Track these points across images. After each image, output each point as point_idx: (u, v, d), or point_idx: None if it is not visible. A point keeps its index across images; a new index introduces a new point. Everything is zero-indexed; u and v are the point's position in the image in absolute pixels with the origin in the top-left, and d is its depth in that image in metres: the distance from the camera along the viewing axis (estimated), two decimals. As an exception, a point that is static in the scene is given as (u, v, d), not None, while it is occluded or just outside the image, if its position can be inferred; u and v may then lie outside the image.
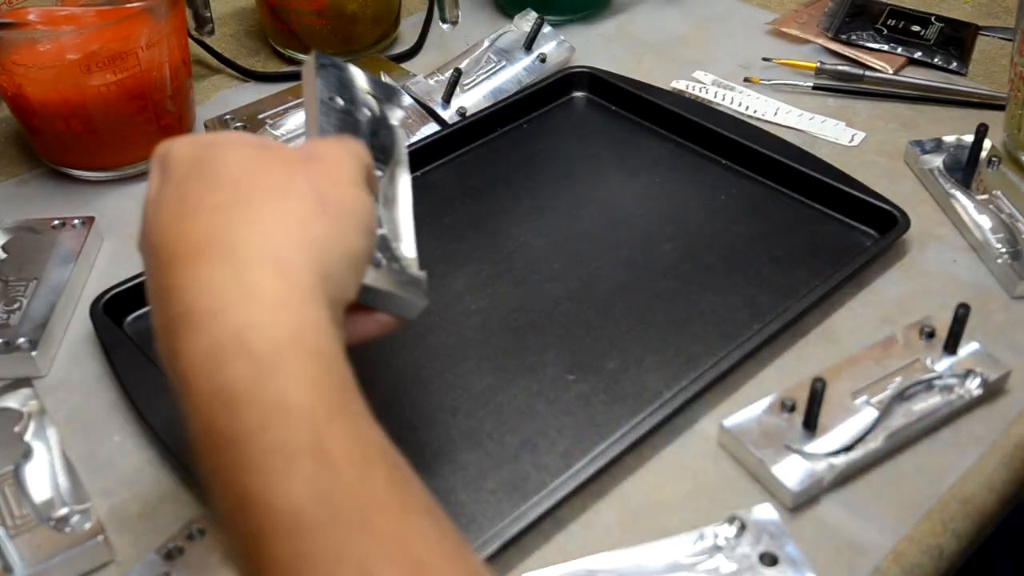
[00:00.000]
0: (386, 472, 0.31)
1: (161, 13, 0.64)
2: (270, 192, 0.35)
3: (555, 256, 0.61)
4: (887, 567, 0.44)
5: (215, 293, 0.32)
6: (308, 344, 0.32)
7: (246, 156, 0.37)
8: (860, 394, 0.50)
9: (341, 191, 0.37)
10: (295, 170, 0.37)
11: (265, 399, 0.30)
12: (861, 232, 0.62)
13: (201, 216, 0.34)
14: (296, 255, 0.34)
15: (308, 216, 0.35)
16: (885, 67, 0.78)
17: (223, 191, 0.35)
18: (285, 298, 0.32)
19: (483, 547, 0.43)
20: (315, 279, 0.34)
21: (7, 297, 0.57)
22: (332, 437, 0.30)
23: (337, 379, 0.32)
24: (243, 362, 0.31)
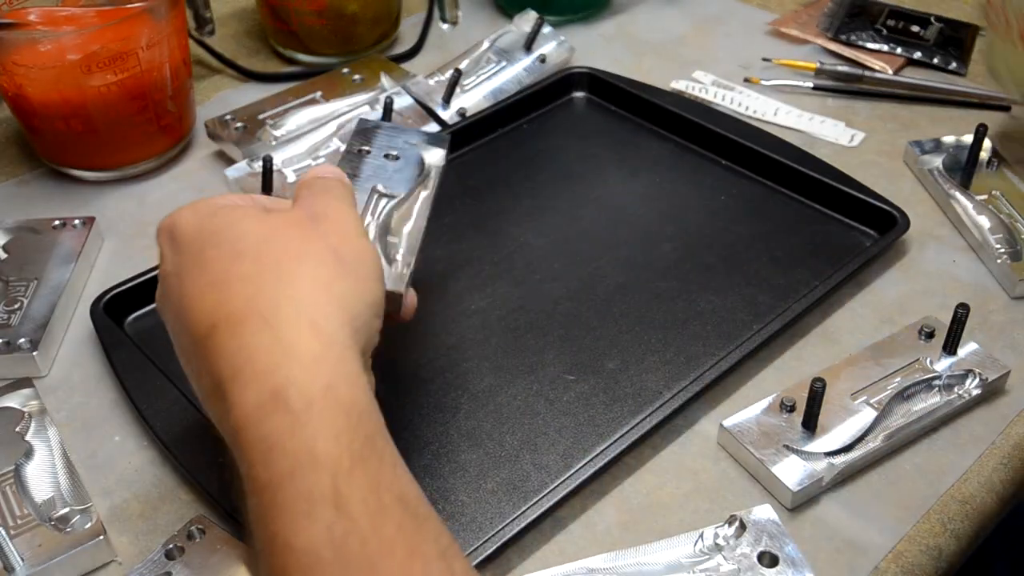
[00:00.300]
0: (399, 519, 0.33)
1: (161, 13, 0.64)
2: (292, 259, 0.38)
3: (555, 256, 0.61)
4: (887, 567, 0.44)
5: (260, 355, 0.35)
6: (341, 398, 0.35)
7: (258, 225, 0.39)
8: (859, 394, 0.50)
9: (353, 245, 0.40)
10: (308, 233, 0.40)
11: (296, 449, 0.33)
12: (861, 232, 0.62)
13: (232, 287, 0.37)
14: (328, 315, 0.37)
15: (331, 276, 0.38)
16: (885, 67, 0.78)
17: (246, 261, 0.38)
18: (322, 356, 0.36)
19: (483, 547, 0.43)
20: (347, 333, 0.37)
21: (8, 297, 0.57)
22: (351, 487, 0.33)
23: (365, 429, 0.35)
24: (282, 416, 0.34)
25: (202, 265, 0.38)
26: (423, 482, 0.47)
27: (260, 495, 0.34)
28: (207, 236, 0.39)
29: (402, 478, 0.35)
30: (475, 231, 0.63)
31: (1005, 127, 0.71)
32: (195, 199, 0.42)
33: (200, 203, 0.41)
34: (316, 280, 0.38)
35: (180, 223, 0.40)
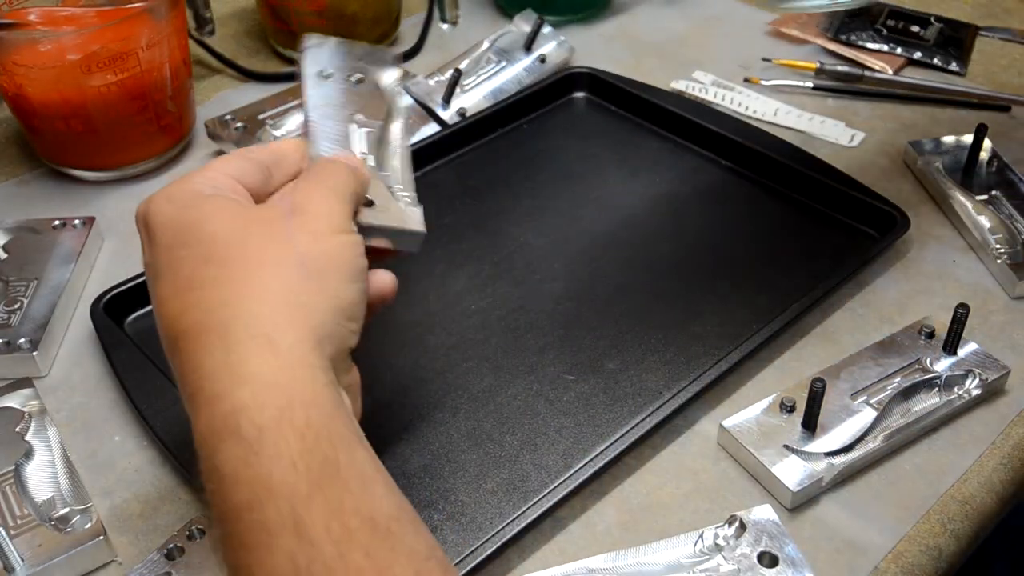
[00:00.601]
0: (367, 542, 0.32)
1: (161, 13, 0.64)
2: (255, 265, 0.36)
3: (555, 256, 0.61)
4: (886, 567, 0.44)
5: (213, 377, 0.34)
6: (296, 421, 0.33)
7: (230, 221, 0.37)
8: (859, 394, 0.50)
9: (322, 245, 0.38)
10: (276, 234, 0.37)
11: (251, 479, 0.32)
12: (861, 232, 0.62)
13: (196, 294, 0.36)
14: (286, 329, 0.35)
15: (292, 284, 0.36)
16: (885, 67, 0.78)
17: (212, 266, 0.36)
18: (275, 377, 0.34)
19: (483, 547, 0.43)
20: (308, 347, 0.35)
21: (8, 297, 0.57)
22: (311, 513, 0.32)
23: (323, 451, 0.33)
24: (233, 444, 0.33)
25: (172, 267, 0.37)
26: (423, 482, 0.48)
27: (221, 525, 0.33)
28: (180, 232, 0.37)
29: (372, 495, 0.33)
30: (475, 231, 0.63)
31: (1005, 127, 0.71)
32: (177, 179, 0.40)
33: (177, 189, 0.39)
34: (276, 290, 0.36)
35: (155, 213, 0.38)
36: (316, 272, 0.37)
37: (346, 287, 0.38)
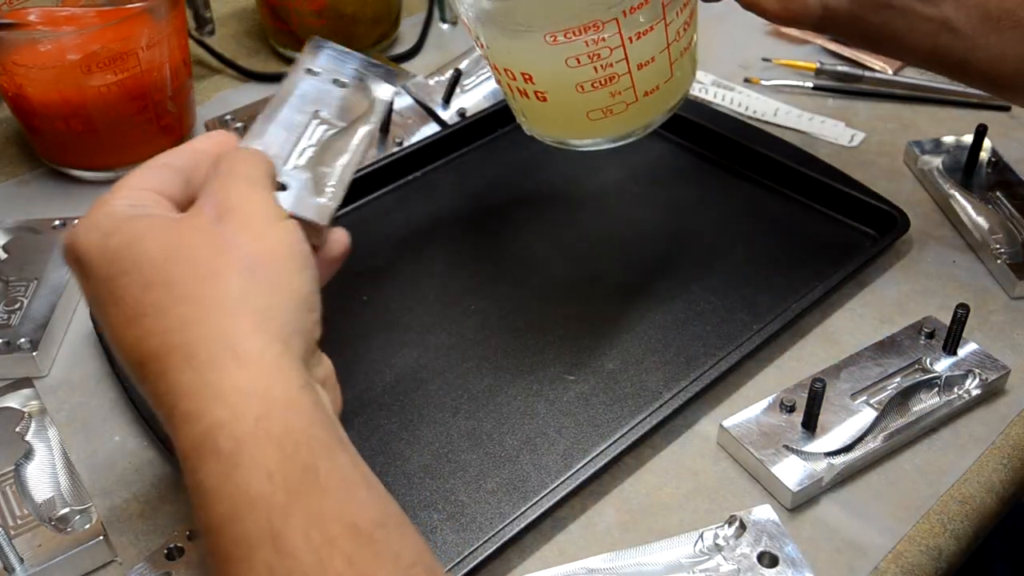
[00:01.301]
0: (349, 550, 0.32)
1: (161, 13, 0.64)
2: (202, 280, 0.35)
3: (555, 256, 0.61)
4: (886, 567, 0.44)
5: (187, 398, 0.34)
6: (272, 430, 0.33)
7: (163, 240, 0.36)
8: (859, 394, 0.50)
9: (265, 241, 0.37)
10: (213, 240, 0.36)
11: (230, 493, 0.32)
12: (861, 232, 0.62)
13: (147, 321, 0.35)
14: (251, 338, 0.34)
15: (245, 289, 0.35)
16: (885, 67, 0.78)
17: (156, 289, 0.35)
18: (249, 388, 0.33)
19: (483, 547, 0.43)
20: (276, 350, 0.35)
21: (8, 297, 0.57)
22: (289, 524, 0.31)
23: (302, 459, 0.33)
24: (213, 460, 0.33)
25: (115, 297, 0.36)
26: (423, 482, 0.48)
27: (206, 538, 0.33)
28: (112, 261, 0.36)
29: (355, 500, 0.33)
30: (475, 231, 0.63)
31: (1005, 127, 0.71)
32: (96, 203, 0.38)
33: (99, 214, 0.37)
34: (230, 298, 0.35)
35: (81, 246, 0.37)
36: (266, 272, 0.36)
37: (299, 278, 0.37)
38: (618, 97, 0.51)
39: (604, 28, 0.48)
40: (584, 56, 0.49)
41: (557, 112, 0.54)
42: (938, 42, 0.53)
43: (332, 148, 0.47)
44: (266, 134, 0.45)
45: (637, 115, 0.53)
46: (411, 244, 0.62)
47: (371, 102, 0.49)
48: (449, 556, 0.44)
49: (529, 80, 0.51)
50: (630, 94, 0.51)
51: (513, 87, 0.53)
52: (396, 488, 0.47)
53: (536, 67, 0.51)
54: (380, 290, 0.58)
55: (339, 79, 0.49)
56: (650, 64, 0.51)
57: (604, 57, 0.49)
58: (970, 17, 0.52)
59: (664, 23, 0.50)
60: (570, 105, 0.52)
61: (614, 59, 0.49)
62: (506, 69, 0.52)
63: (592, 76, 0.50)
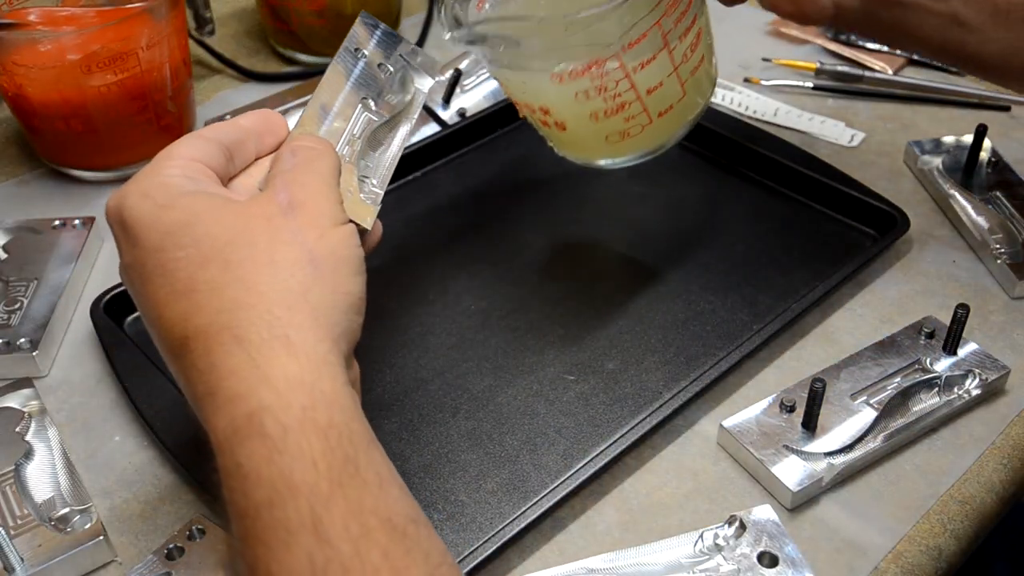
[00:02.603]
0: (384, 543, 0.32)
1: (161, 13, 0.64)
2: (263, 265, 0.36)
3: (555, 256, 0.61)
4: (886, 567, 0.44)
5: (233, 378, 0.34)
6: (318, 420, 0.33)
7: (228, 220, 0.36)
8: (859, 394, 0.50)
9: (328, 240, 0.38)
10: (279, 231, 0.37)
11: (273, 477, 0.32)
12: (861, 232, 0.62)
13: (200, 296, 0.35)
14: (304, 329, 0.35)
15: (306, 283, 0.36)
16: (885, 67, 0.78)
17: (213, 267, 0.35)
18: (298, 378, 0.34)
19: (483, 547, 0.43)
20: (326, 346, 0.35)
21: (8, 297, 0.57)
22: (331, 513, 0.32)
23: (344, 451, 0.33)
24: (257, 442, 0.33)
25: (166, 269, 0.36)
26: (423, 482, 0.48)
27: (240, 521, 0.33)
28: (167, 234, 0.36)
29: (389, 496, 0.34)
30: (475, 231, 0.63)
31: (1005, 127, 0.71)
32: None
33: (151, 184, 0.37)
34: (289, 290, 0.35)
35: (133, 213, 0.37)
36: (326, 269, 0.37)
37: (353, 281, 0.38)
38: (632, 121, 0.53)
39: (606, 64, 0.49)
40: (592, 90, 0.50)
41: (577, 138, 0.56)
42: (948, 36, 0.53)
43: (375, 140, 0.47)
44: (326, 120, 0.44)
45: (655, 134, 0.55)
46: (411, 244, 0.62)
47: (413, 94, 0.49)
48: (449, 556, 0.44)
49: (547, 112, 0.54)
50: (643, 117, 0.53)
51: (535, 118, 0.55)
52: (396, 488, 0.47)
53: (550, 102, 0.53)
54: (380, 290, 0.58)
55: (384, 64, 0.49)
56: (659, 88, 0.52)
57: (611, 89, 0.50)
58: (980, 11, 0.52)
59: (667, 50, 0.51)
60: (588, 132, 0.54)
61: (621, 89, 0.50)
62: (525, 104, 0.54)
63: (603, 106, 0.51)
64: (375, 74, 0.48)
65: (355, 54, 0.48)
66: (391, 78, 0.49)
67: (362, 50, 0.48)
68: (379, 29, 0.50)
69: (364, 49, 0.49)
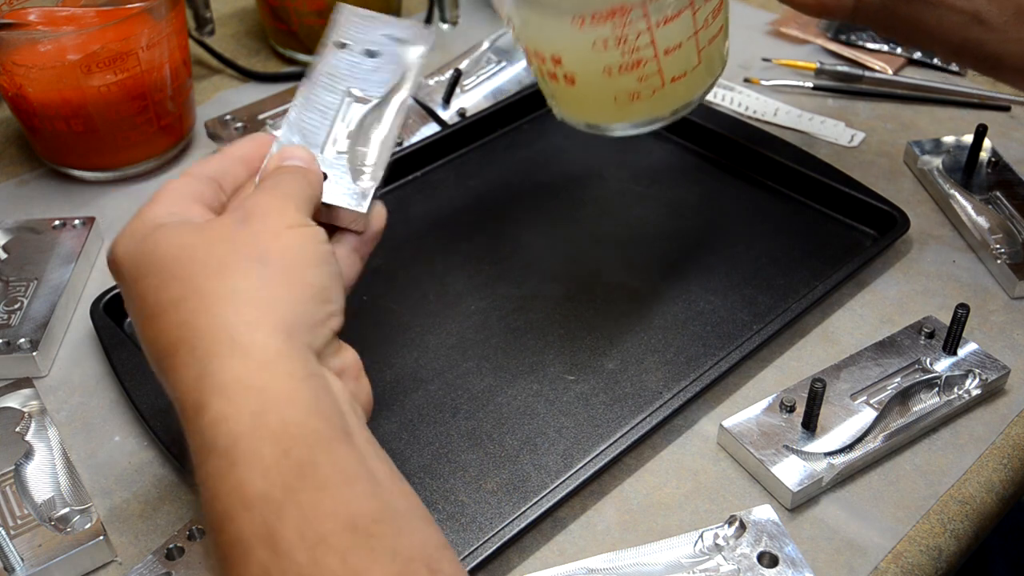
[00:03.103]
0: (344, 546, 0.31)
1: (161, 13, 0.64)
2: (214, 275, 0.36)
3: (555, 256, 0.61)
4: (886, 567, 0.44)
5: (193, 391, 0.34)
6: (270, 424, 0.33)
7: (186, 240, 0.37)
8: (859, 394, 0.50)
9: (281, 239, 0.38)
10: (232, 241, 0.37)
11: (227, 491, 0.32)
12: (861, 232, 0.62)
13: (163, 317, 0.36)
14: (253, 329, 0.35)
15: (255, 283, 0.36)
16: (885, 67, 0.78)
17: (175, 286, 0.36)
18: (248, 381, 0.33)
19: (483, 547, 0.43)
20: (278, 343, 0.35)
21: (8, 297, 0.57)
22: (284, 523, 0.31)
23: (299, 454, 0.32)
24: (213, 459, 0.33)
25: (140, 296, 0.37)
26: (423, 482, 0.48)
27: (209, 536, 0.33)
28: (140, 264, 0.38)
29: (353, 495, 0.33)
30: (475, 231, 0.63)
31: (1005, 127, 0.72)
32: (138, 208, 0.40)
33: (135, 224, 0.39)
34: (238, 292, 0.35)
35: (117, 252, 0.39)
36: (278, 265, 0.37)
37: (312, 272, 0.37)
38: (645, 82, 0.51)
39: (631, 13, 0.48)
40: (611, 40, 0.49)
41: (585, 96, 0.54)
42: (968, 35, 0.53)
43: (368, 124, 0.47)
44: (302, 122, 0.45)
45: (664, 101, 0.53)
46: (411, 244, 0.62)
47: (404, 69, 0.49)
48: (449, 556, 0.44)
49: (558, 63, 0.52)
50: (656, 80, 0.51)
51: (544, 70, 0.53)
52: (396, 488, 0.47)
53: (565, 50, 0.51)
54: (380, 290, 0.58)
55: (370, 48, 0.49)
56: (677, 50, 0.50)
57: (631, 41, 0.49)
58: (1003, 11, 0.52)
59: (692, 10, 0.50)
60: (597, 89, 0.52)
61: (641, 43, 0.49)
62: (536, 51, 0.53)
63: (619, 60, 0.50)
64: (358, 61, 0.48)
65: (334, 47, 0.48)
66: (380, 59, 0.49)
67: (341, 40, 0.49)
68: (355, 16, 0.50)
69: (343, 38, 0.49)
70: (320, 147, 0.45)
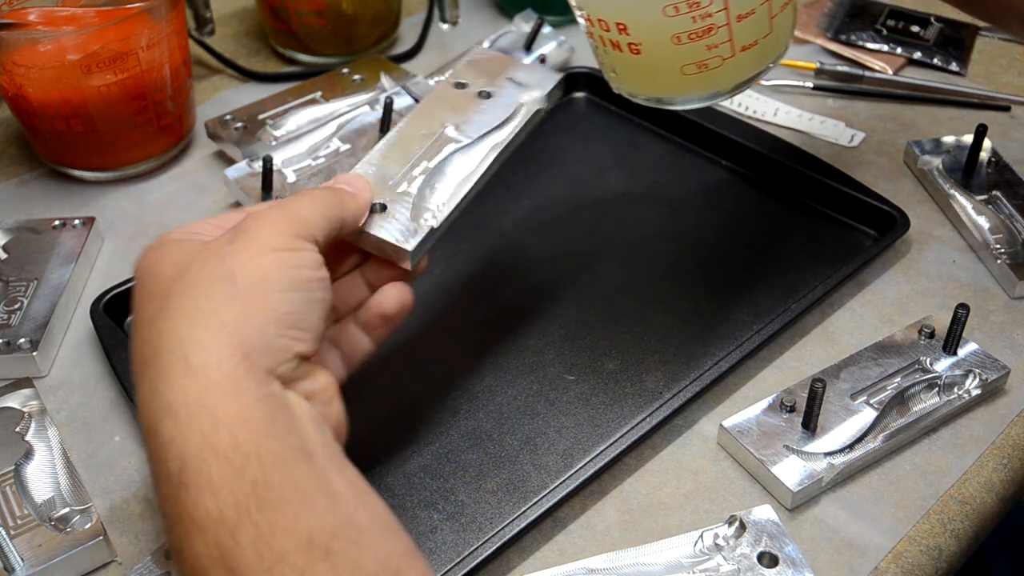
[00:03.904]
0: (303, 563, 0.31)
1: (161, 13, 0.64)
2: (185, 292, 0.36)
3: (555, 256, 0.61)
4: (886, 567, 0.44)
5: (146, 413, 0.34)
6: (219, 445, 0.32)
7: (178, 259, 0.37)
8: (860, 394, 0.50)
9: (256, 261, 0.37)
10: (211, 258, 0.37)
11: (181, 515, 0.32)
12: (861, 232, 0.62)
13: (138, 333, 0.36)
14: (208, 348, 0.34)
15: (217, 303, 0.35)
16: (884, 67, 0.78)
17: (154, 303, 0.36)
18: (197, 401, 0.33)
19: (483, 547, 0.43)
20: (232, 363, 0.34)
21: (8, 297, 0.57)
22: (239, 543, 0.31)
23: (252, 473, 0.32)
24: (164, 483, 0.33)
25: (134, 308, 0.38)
26: (423, 482, 0.48)
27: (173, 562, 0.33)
28: (139, 278, 0.38)
29: (311, 512, 0.32)
30: (475, 231, 0.63)
31: (1005, 127, 0.72)
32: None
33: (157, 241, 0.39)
34: (199, 311, 0.35)
35: (135, 265, 0.39)
36: (245, 285, 0.36)
37: (280, 297, 0.36)
38: (714, 51, 0.49)
39: None
40: (683, 4, 0.47)
41: (650, 66, 0.51)
42: None
43: (452, 164, 0.46)
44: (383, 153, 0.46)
45: (732, 71, 0.51)
46: (411, 244, 0.62)
47: (515, 108, 0.49)
48: (449, 556, 0.44)
49: (624, 31, 0.50)
50: (727, 48, 0.49)
51: (606, 39, 0.51)
52: (396, 488, 0.48)
53: (633, 16, 0.49)
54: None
55: (486, 90, 0.49)
56: (750, 16, 0.48)
57: (703, 6, 0.47)
58: None
59: None
60: (664, 58, 0.50)
61: (713, 9, 0.47)
62: (600, 20, 0.50)
63: (689, 27, 0.48)
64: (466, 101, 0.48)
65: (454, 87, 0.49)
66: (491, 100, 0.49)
67: (462, 81, 0.49)
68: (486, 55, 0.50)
69: (463, 79, 0.49)
70: (394, 179, 0.45)
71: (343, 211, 0.42)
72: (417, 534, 0.45)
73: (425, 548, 0.45)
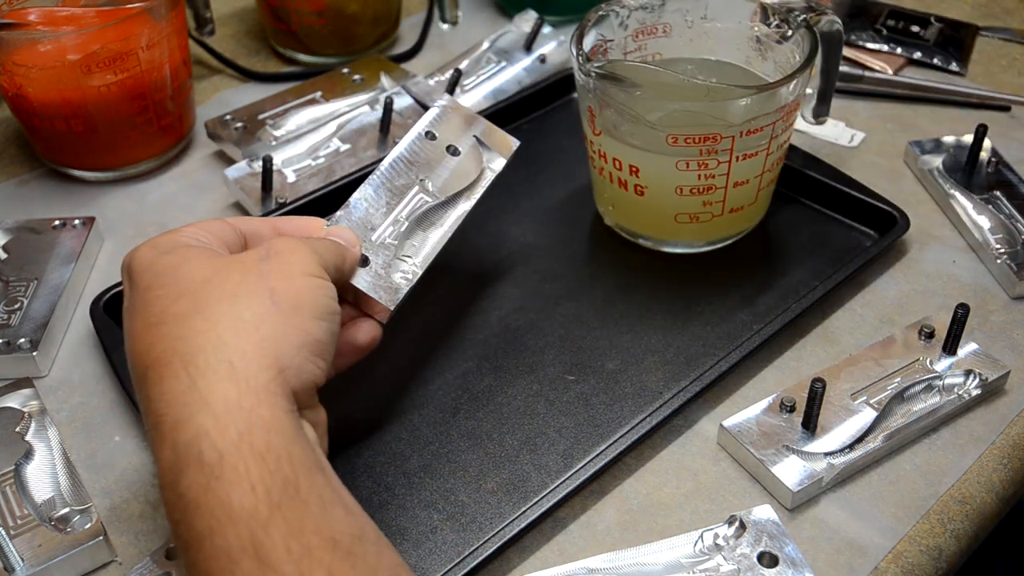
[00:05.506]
0: (328, 560, 0.32)
1: (161, 13, 0.64)
2: (225, 298, 0.37)
3: (555, 256, 0.61)
4: (887, 567, 0.44)
5: (176, 405, 0.35)
6: (256, 444, 0.34)
7: (206, 263, 0.39)
8: (859, 394, 0.50)
9: (294, 283, 0.39)
10: (249, 271, 0.38)
11: (212, 505, 0.33)
12: (861, 232, 0.62)
13: (164, 327, 0.37)
14: (249, 357, 0.36)
15: (261, 315, 0.37)
16: (885, 67, 0.78)
17: (184, 301, 0.37)
18: (237, 402, 0.34)
19: (483, 547, 0.43)
20: (269, 376, 0.36)
21: (8, 297, 0.57)
22: (270, 536, 0.32)
23: (284, 474, 0.34)
24: (195, 471, 0.33)
25: (147, 304, 0.38)
26: (423, 482, 0.48)
27: (186, 553, 0.34)
28: (157, 274, 0.38)
29: (332, 517, 0.34)
30: (475, 231, 0.63)
31: (1005, 127, 0.71)
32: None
33: (163, 237, 0.40)
34: (242, 320, 0.36)
35: (136, 258, 0.40)
36: (286, 306, 0.38)
37: (314, 323, 0.38)
38: (708, 208, 0.56)
39: (720, 142, 0.52)
40: (694, 162, 0.53)
41: (649, 209, 0.58)
42: None
43: (426, 221, 0.49)
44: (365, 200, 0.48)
45: (717, 227, 0.58)
46: (411, 244, 0.62)
47: (480, 173, 0.52)
48: (449, 556, 0.44)
49: (634, 173, 0.56)
50: (718, 207, 0.56)
51: (615, 176, 0.57)
52: (396, 488, 0.47)
53: (646, 162, 0.55)
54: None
55: (455, 145, 0.52)
56: (743, 185, 0.55)
57: (710, 168, 0.54)
58: None
59: (767, 152, 0.54)
60: (664, 204, 0.57)
61: (718, 172, 0.54)
62: (615, 159, 0.56)
63: (694, 182, 0.54)
64: (439, 156, 0.51)
65: (424, 136, 0.51)
66: (460, 159, 0.52)
67: (433, 132, 0.52)
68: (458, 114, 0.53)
69: (435, 130, 0.52)
70: (375, 230, 0.47)
71: (344, 262, 0.44)
72: (417, 534, 0.45)
73: (425, 548, 0.45)
